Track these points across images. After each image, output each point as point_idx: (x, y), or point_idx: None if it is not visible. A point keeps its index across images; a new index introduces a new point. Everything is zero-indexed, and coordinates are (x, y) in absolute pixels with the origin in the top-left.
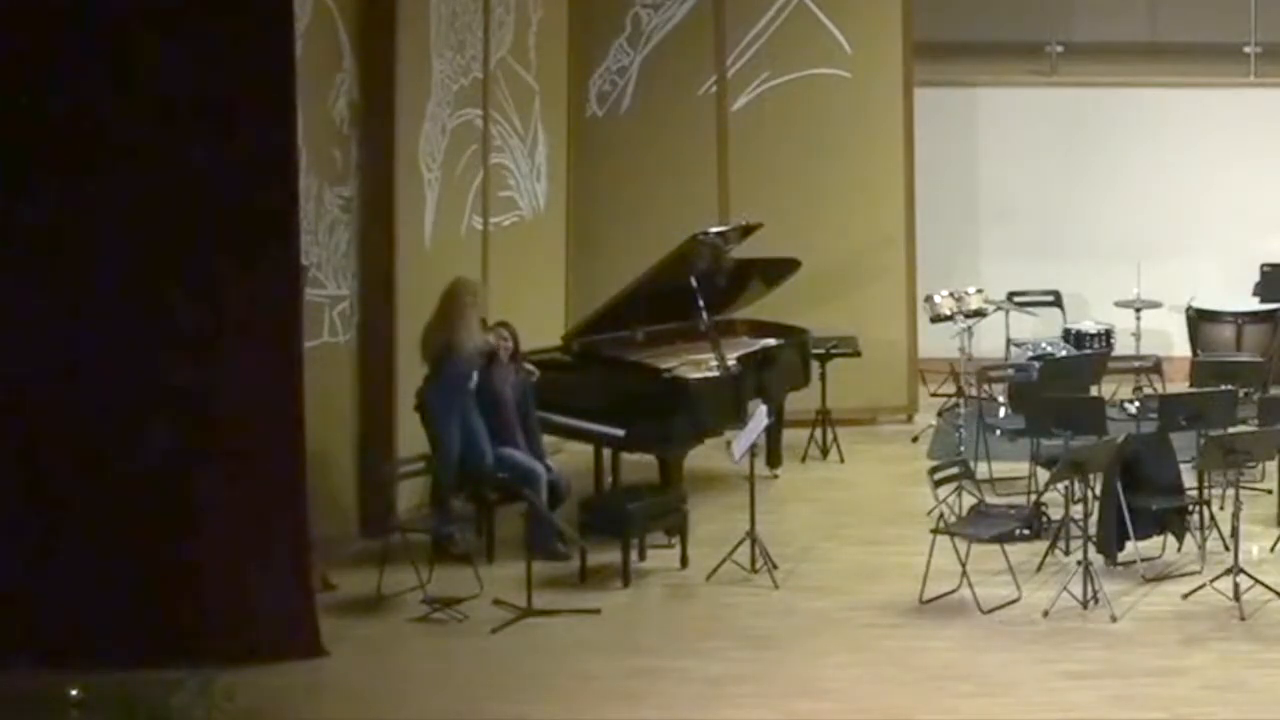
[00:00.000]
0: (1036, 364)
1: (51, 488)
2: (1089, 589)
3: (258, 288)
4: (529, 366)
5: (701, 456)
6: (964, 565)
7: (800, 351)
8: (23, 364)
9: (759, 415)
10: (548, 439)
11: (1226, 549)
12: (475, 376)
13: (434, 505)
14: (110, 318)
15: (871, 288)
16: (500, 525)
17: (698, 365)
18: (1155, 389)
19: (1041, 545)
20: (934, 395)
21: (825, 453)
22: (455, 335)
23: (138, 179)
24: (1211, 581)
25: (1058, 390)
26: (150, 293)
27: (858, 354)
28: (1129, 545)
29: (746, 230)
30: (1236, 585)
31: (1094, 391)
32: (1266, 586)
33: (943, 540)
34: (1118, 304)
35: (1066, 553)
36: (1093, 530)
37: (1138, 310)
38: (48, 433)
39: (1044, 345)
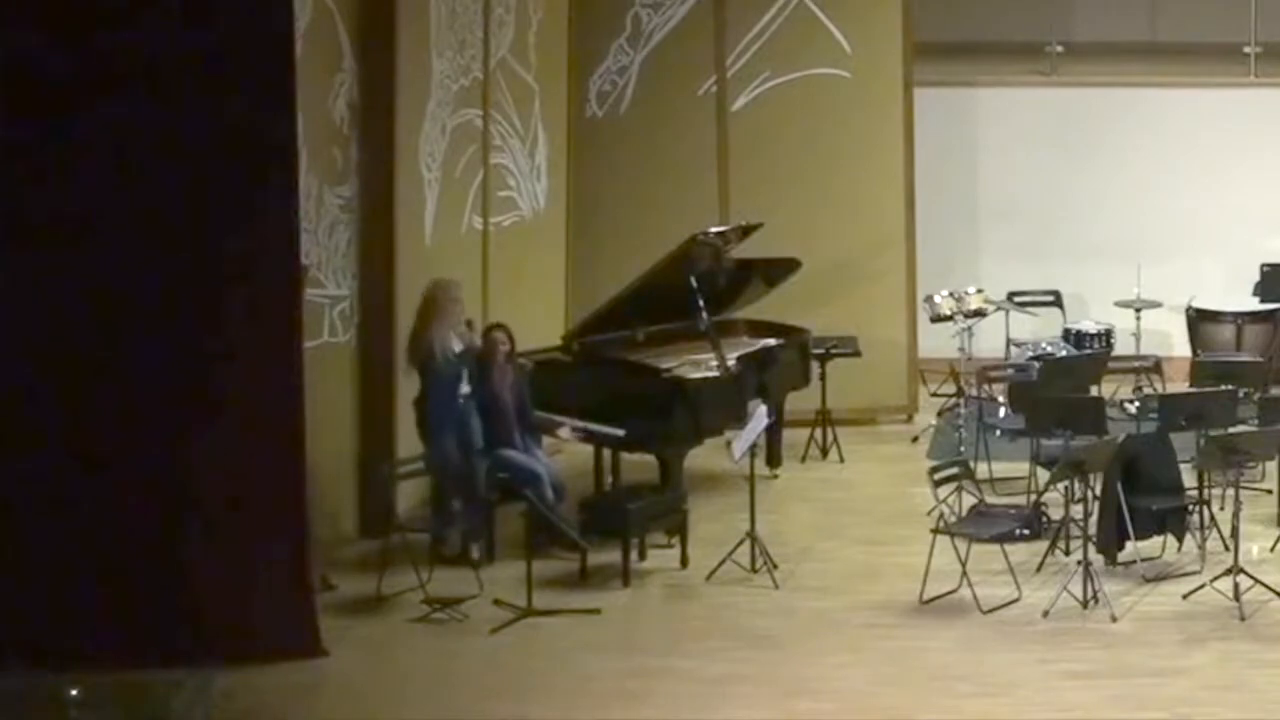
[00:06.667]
0: (1036, 364)
1: (51, 488)
2: (1089, 589)
3: (258, 288)
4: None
5: (701, 456)
6: (964, 565)
7: (800, 351)
8: (21, 364)
9: (759, 415)
10: (547, 439)
11: (1226, 549)
12: (466, 376)
13: (434, 506)
14: (109, 317)
15: (871, 288)
16: (500, 525)
17: (698, 365)
18: (1155, 389)
19: (1041, 545)
20: (934, 395)
21: (825, 453)
22: (437, 336)
23: (137, 180)
24: (1211, 581)
25: (1058, 390)
26: (150, 293)
27: (858, 354)
28: (1129, 545)
29: (746, 230)
30: (1236, 585)
31: (1094, 391)
32: (1266, 586)
33: (943, 540)
34: (1118, 304)
35: (1066, 553)
36: (1093, 530)
37: (1138, 310)
38: (47, 433)
39: (1044, 345)
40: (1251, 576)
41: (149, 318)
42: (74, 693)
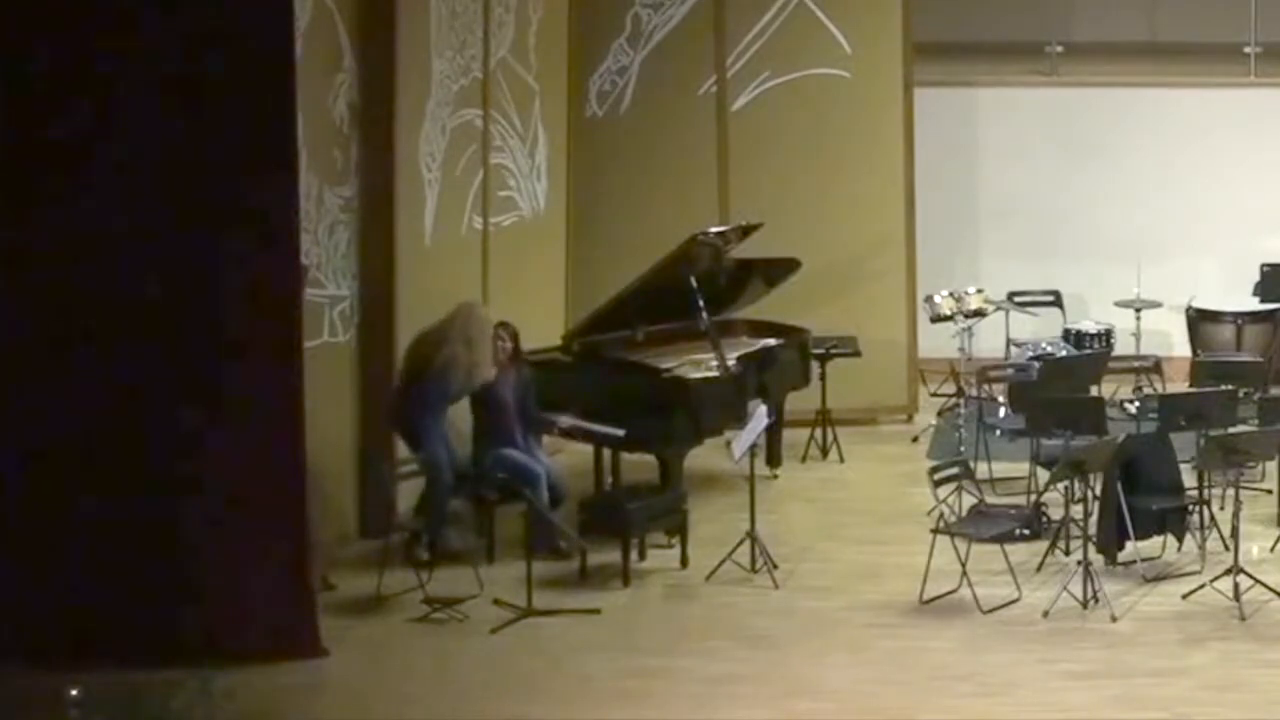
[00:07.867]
0: (1036, 364)
1: (51, 488)
2: (1089, 589)
3: (258, 287)
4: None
5: (701, 456)
6: (964, 565)
7: (800, 351)
8: (22, 364)
9: (759, 415)
10: (547, 439)
11: (1226, 549)
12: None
13: (420, 507)
14: (109, 318)
15: (871, 288)
16: (500, 525)
17: (698, 365)
18: (1155, 389)
19: (1041, 545)
20: (934, 395)
21: (825, 453)
22: (481, 363)
23: (137, 180)
24: (1211, 581)
25: (1058, 390)
26: (150, 293)
27: (858, 354)
28: (1129, 545)
29: (746, 230)
30: (1236, 585)
31: (1094, 391)
32: (1266, 586)
33: (943, 540)
34: (1118, 304)
35: (1066, 553)
36: (1093, 530)
37: (1138, 310)
38: (47, 433)
39: (1044, 345)
40: (1251, 576)
41: (149, 318)
42: (74, 693)
